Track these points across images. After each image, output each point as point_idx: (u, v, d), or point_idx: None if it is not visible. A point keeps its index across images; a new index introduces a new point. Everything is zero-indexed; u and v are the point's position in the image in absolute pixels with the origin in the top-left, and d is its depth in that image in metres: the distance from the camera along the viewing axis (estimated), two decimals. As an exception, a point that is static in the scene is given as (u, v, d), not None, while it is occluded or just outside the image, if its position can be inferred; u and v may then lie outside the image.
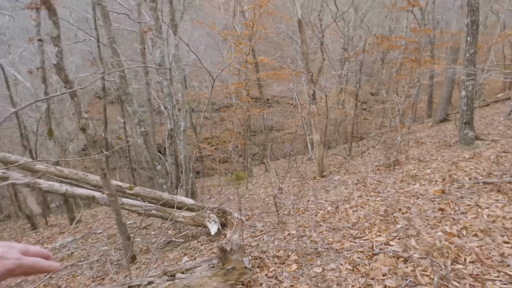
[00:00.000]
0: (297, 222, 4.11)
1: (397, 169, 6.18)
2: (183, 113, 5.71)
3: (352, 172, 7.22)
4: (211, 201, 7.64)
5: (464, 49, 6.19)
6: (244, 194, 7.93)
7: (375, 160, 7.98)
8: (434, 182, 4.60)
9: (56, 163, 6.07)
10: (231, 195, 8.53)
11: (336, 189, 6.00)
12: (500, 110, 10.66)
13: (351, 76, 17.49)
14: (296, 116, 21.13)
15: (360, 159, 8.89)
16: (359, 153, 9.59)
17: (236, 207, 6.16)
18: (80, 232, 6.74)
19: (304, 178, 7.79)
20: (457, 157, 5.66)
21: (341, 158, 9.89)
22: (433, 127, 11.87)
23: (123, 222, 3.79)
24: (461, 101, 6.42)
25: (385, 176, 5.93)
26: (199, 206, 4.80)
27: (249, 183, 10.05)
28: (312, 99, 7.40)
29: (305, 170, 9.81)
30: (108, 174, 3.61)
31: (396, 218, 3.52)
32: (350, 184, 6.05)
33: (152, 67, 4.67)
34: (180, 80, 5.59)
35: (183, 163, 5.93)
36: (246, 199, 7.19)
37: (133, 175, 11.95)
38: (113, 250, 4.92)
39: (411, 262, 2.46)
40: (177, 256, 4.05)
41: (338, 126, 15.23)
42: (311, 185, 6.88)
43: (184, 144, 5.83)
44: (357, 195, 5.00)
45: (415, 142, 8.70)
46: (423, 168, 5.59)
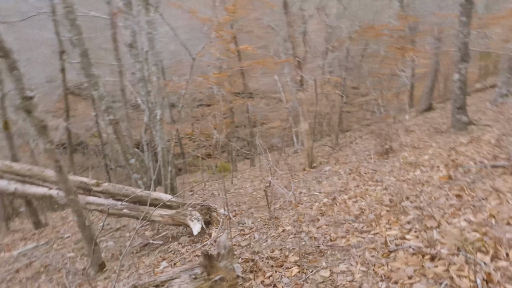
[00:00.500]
0: (297, 214, 3.61)
1: (391, 156, 5.82)
2: (159, 100, 5.06)
3: (343, 162, 6.82)
4: (193, 197, 7.03)
5: (458, 29, 5.89)
6: (229, 189, 7.37)
7: (365, 149, 7.63)
8: (436, 168, 4.23)
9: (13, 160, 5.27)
10: (216, 190, 7.95)
11: (328, 179, 5.56)
12: (483, 98, 10.64)
13: (334, 68, 17.22)
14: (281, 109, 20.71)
15: (349, 149, 8.54)
16: (347, 143, 9.25)
17: (221, 202, 5.60)
18: (46, 237, 5.95)
19: (293, 170, 7.32)
20: (454, 142, 5.35)
21: (329, 149, 9.51)
22: (417, 116, 11.74)
23: (86, 225, 3.14)
24: (454, 85, 6.14)
25: (379, 164, 5.55)
26: (180, 202, 4.20)
27: (234, 178, 9.49)
28: (300, 86, 6.92)
29: (293, 162, 9.36)
30: (66, 167, 2.96)
31: (405, 207, 3.09)
32: (343, 174, 5.63)
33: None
34: (155, 62, 4.94)
35: (160, 156, 5.29)
36: (232, 194, 6.64)
37: (108, 172, 11.08)
38: (80, 257, 4.24)
39: (440, 260, 2.00)
40: (154, 262, 3.45)
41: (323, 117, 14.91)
42: (301, 177, 6.41)
43: (162, 135, 5.18)
44: (354, 185, 4.56)
45: (404, 131, 8.43)
46: (420, 155, 5.24)
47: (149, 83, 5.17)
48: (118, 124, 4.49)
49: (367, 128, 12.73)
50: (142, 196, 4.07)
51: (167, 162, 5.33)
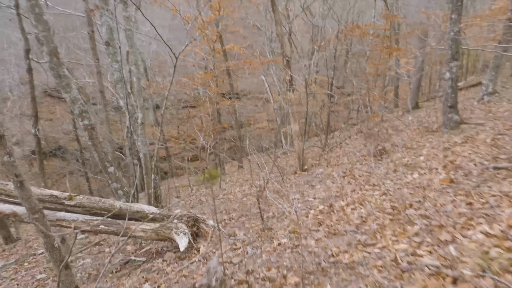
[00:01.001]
0: (293, 224, 3.31)
1: (385, 158, 5.63)
2: (140, 102, 4.65)
3: (335, 164, 6.60)
4: (180, 205, 6.63)
5: (449, 27, 5.76)
6: (217, 195, 7.02)
7: (356, 149, 7.44)
8: (435, 170, 4.04)
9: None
10: (203, 196, 7.57)
11: (322, 183, 5.30)
12: (468, 96, 10.71)
13: (320, 67, 17.11)
14: (268, 110, 20.47)
15: (340, 150, 8.34)
16: (337, 144, 9.07)
17: (210, 211, 5.25)
18: (17, 253, 5.42)
19: (284, 173, 7.04)
20: (448, 142, 5.21)
21: (319, 150, 9.30)
22: (404, 115, 11.74)
23: (55, 247, 2.73)
24: (445, 84, 6.02)
25: (373, 166, 5.34)
26: (164, 214, 3.82)
27: (222, 181, 9.13)
28: (290, 86, 6.65)
29: (283, 164, 9.09)
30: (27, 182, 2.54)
31: (410, 216, 2.85)
32: (337, 177, 5.39)
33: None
34: (134, 62, 4.53)
35: (143, 162, 4.88)
36: (221, 201, 6.29)
37: (87, 179, 10.47)
38: (52, 278, 3.79)
39: (464, 282, 1.75)
40: (136, 284, 3.07)
41: (311, 117, 14.75)
42: (293, 180, 6.14)
43: (144, 140, 4.77)
44: (350, 190, 4.31)
45: (394, 130, 8.31)
46: (415, 156, 5.06)
47: (129, 84, 4.75)
48: (94, 130, 4.05)
49: (355, 128, 12.64)
50: (122, 209, 3.66)
51: (150, 169, 4.92)
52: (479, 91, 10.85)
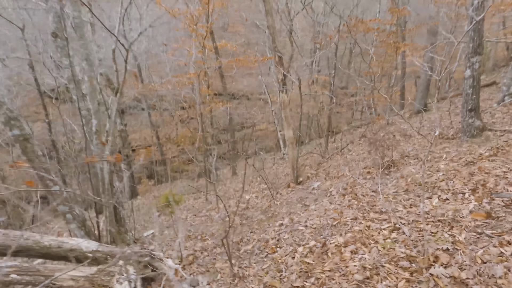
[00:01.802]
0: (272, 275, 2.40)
1: (393, 171, 4.67)
2: (94, 106, 3.77)
3: (335, 176, 5.65)
4: (156, 223, 5.75)
5: (469, 15, 4.78)
6: (201, 210, 6.12)
7: (360, 158, 6.48)
8: (461, 195, 3.08)
9: None
10: (187, 209, 6.68)
11: (317, 203, 4.36)
12: (483, 97, 9.64)
13: (322, 67, 16.12)
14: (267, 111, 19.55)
15: (340, 157, 7.38)
16: (338, 150, 8.10)
17: (183, 235, 4.35)
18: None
19: (276, 186, 6.11)
20: (471, 154, 4.23)
21: (318, 157, 8.35)
22: (412, 117, 10.73)
23: None
24: (465, 83, 5.03)
25: (380, 183, 4.39)
26: (107, 252, 2.92)
27: (211, 192, 8.23)
28: (282, 86, 5.72)
29: (277, 172, 8.16)
30: None
31: (437, 279, 1.91)
32: (336, 195, 4.45)
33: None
34: (86, 56, 3.65)
35: (99, 178, 4.00)
36: (202, 219, 5.39)
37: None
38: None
39: None
40: None
41: (311, 120, 13.79)
42: (284, 196, 5.21)
43: (99, 150, 3.89)
44: (350, 217, 3.37)
45: (402, 135, 7.33)
46: (430, 171, 4.09)
47: (83, 84, 3.88)
48: (29, 142, 3.18)
49: (359, 131, 11.65)
50: (51, 247, 2.78)
51: (111, 188, 4.04)
52: (495, 92, 9.81)
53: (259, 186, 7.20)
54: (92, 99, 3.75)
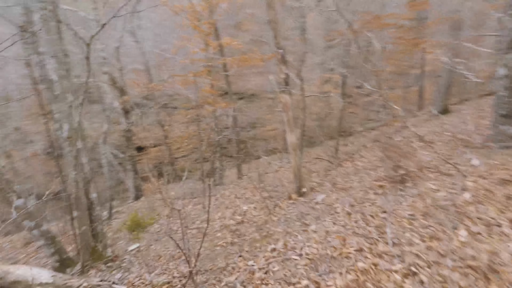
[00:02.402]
0: None
1: (409, 187, 3.98)
2: (65, 109, 3.31)
3: (342, 187, 4.99)
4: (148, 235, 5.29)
5: (506, 4, 4.01)
6: (195, 219, 5.62)
7: (371, 166, 5.78)
8: (496, 228, 2.39)
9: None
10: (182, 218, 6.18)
11: (319, 222, 3.75)
12: None
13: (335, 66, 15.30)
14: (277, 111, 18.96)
15: (351, 164, 6.69)
16: (349, 155, 7.40)
17: (168, 255, 3.86)
18: None
19: (277, 195, 5.52)
20: (506, 170, 3.49)
21: (326, 163, 7.68)
22: (431, 120, 9.83)
23: None
24: (497, 84, 4.27)
25: (392, 199, 3.72)
26: (60, 285, 2.44)
27: (213, 197, 7.73)
28: (285, 86, 5.11)
29: (282, 178, 7.55)
30: None
31: None
32: (341, 213, 3.82)
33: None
34: (54, 53, 3.19)
35: (73, 191, 3.55)
36: (192, 233, 4.88)
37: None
38: None
39: None
40: None
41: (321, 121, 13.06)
42: (282, 211, 4.61)
43: (73, 159, 3.43)
44: (355, 247, 2.75)
45: (420, 141, 6.55)
46: (454, 189, 3.39)
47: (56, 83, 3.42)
48: (-16, 150, 2.75)
49: (373, 134, 10.85)
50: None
51: (84, 205, 3.58)
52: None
53: (262, 192, 6.63)
54: (61, 100, 3.29)
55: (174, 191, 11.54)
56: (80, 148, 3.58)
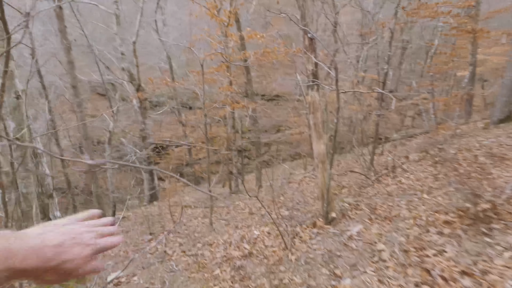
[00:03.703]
0: None
1: (497, 230, 2.60)
2: (10, 101, 2.41)
3: (386, 215, 3.68)
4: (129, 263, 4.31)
5: None
6: (196, 241, 4.56)
7: (422, 186, 4.38)
8: None
9: None
10: (186, 235, 5.17)
11: (356, 274, 2.51)
12: None
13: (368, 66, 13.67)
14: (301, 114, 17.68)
15: (392, 180, 5.30)
16: (388, 169, 5.97)
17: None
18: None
19: (298, 217, 4.31)
20: None
21: (358, 174, 6.32)
22: (490, 129, 8.05)
23: None
24: None
25: (471, 249, 2.39)
26: None
27: (225, 209, 6.69)
28: (312, 81, 3.92)
29: (305, 192, 6.32)
30: None
31: None
32: (389, 263, 2.55)
33: None
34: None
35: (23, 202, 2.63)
36: (190, 258, 3.81)
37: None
38: None
39: None
40: None
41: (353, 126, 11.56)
42: (305, 242, 3.40)
43: (25, 170, 2.51)
44: None
45: (486, 155, 5.01)
46: None
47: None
48: None
49: (414, 143, 9.23)
50: None
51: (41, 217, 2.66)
52: None
53: (280, 209, 5.45)
54: (7, 90, 2.39)
55: (189, 195, 10.69)
56: (36, 153, 2.66)
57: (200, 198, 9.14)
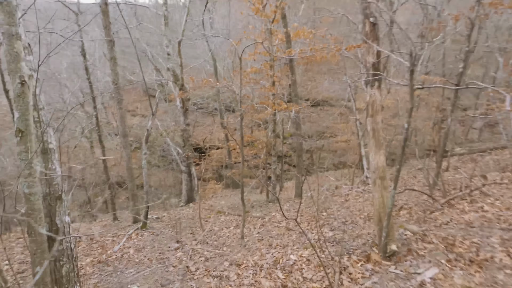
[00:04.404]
0: None
1: None
2: (15, 88, 2.06)
3: (471, 259, 2.67)
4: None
5: None
6: (224, 259, 3.97)
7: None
8: None
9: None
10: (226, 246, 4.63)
11: None
12: None
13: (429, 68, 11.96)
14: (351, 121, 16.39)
15: (470, 206, 4.14)
16: (463, 191, 4.77)
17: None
18: None
19: (345, 243, 3.47)
20: None
21: (419, 193, 5.19)
22: None
23: None
24: None
25: None
26: None
27: (259, 220, 6.04)
28: (374, 75, 3.11)
29: (354, 211, 5.38)
30: None
31: None
32: None
33: None
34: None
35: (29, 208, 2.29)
36: (214, 279, 3.21)
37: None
38: None
39: None
40: None
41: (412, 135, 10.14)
42: (357, 283, 2.58)
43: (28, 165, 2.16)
44: None
45: None
46: None
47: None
48: None
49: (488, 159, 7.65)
50: None
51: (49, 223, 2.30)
52: None
53: (322, 227, 4.64)
54: (11, 72, 2.06)
55: (225, 200, 10.28)
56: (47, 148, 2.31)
57: (235, 204, 8.64)
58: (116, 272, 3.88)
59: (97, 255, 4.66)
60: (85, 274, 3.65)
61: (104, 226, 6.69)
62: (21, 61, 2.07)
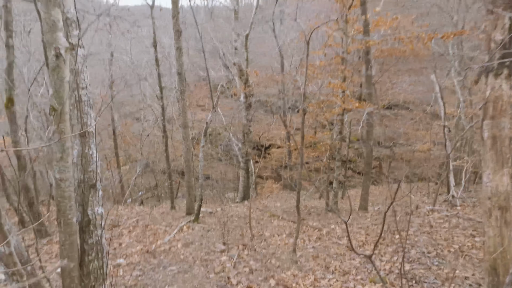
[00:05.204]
0: None
1: None
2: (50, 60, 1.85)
3: None
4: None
5: None
6: (271, 273, 3.40)
7: None
8: None
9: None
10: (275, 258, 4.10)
11: None
12: None
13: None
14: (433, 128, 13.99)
15: None
16: None
17: None
18: None
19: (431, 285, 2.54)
20: None
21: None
22: None
23: None
24: None
25: None
26: None
27: (316, 231, 5.28)
28: (498, 58, 2.10)
29: (437, 238, 4.21)
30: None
31: None
32: None
33: None
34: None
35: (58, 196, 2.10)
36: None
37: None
38: None
39: None
40: None
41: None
42: None
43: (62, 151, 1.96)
44: None
45: None
46: None
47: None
48: None
49: None
50: None
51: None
52: None
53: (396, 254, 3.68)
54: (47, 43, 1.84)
55: (281, 202, 9.70)
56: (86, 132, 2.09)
57: (291, 208, 7.98)
58: (159, 267, 3.68)
59: (148, 243, 4.60)
60: (127, 265, 3.50)
61: (161, 214, 6.81)
62: (58, 31, 1.84)
